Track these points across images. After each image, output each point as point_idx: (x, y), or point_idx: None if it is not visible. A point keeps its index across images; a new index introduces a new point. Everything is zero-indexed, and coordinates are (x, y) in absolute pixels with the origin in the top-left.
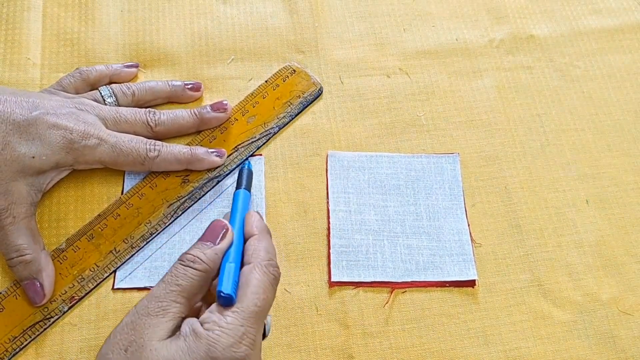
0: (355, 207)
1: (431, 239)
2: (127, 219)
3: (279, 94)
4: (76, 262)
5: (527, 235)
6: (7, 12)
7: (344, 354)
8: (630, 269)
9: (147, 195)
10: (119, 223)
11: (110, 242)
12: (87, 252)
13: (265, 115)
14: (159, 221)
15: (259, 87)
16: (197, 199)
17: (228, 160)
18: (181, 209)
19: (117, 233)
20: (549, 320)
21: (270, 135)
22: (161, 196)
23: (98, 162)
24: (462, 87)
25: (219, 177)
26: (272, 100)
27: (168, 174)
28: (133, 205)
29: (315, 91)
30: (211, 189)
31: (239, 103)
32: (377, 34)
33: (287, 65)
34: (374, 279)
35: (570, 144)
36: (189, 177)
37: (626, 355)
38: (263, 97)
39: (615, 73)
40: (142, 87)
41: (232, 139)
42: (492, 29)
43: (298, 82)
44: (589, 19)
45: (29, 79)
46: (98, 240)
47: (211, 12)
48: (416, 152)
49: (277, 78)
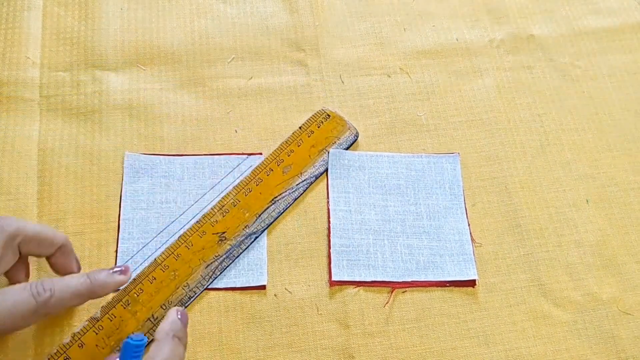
0: (356, 207)
1: (431, 238)
2: (164, 283)
3: (314, 141)
4: (113, 332)
5: (528, 235)
6: (7, 11)
7: (345, 354)
8: (630, 268)
9: (183, 256)
10: (155, 287)
11: (147, 308)
12: (124, 321)
13: (301, 165)
14: (197, 283)
15: (294, 134)
16: (235, 257)
17: (266, 215)
18: (219, 269)
19: (154, 298)
20: (549, 320)
21: (308, 186)
22: (198, 256)
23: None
24: (462, 87)
25: (257, 232)
26: (308, 148)
27: (204, 232)
28: (169, 267)
29: (351, 137)
30: (249, 245)
31: (274, 152)
32: (378, 34)
33: (322, 110)
34: (374, 279)
35: (570, 144)
36: (226, 235)
37: (626, 355)
38: (298, 145)
39: (616, 73)
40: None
41: (268, 191)
42: (493, 29)
43: (333, 127)
44: (589, 19)
45: (29, 78)
46: (134, 307)
47: (211, 11)
48: (416, 152)
49: (312, 124)
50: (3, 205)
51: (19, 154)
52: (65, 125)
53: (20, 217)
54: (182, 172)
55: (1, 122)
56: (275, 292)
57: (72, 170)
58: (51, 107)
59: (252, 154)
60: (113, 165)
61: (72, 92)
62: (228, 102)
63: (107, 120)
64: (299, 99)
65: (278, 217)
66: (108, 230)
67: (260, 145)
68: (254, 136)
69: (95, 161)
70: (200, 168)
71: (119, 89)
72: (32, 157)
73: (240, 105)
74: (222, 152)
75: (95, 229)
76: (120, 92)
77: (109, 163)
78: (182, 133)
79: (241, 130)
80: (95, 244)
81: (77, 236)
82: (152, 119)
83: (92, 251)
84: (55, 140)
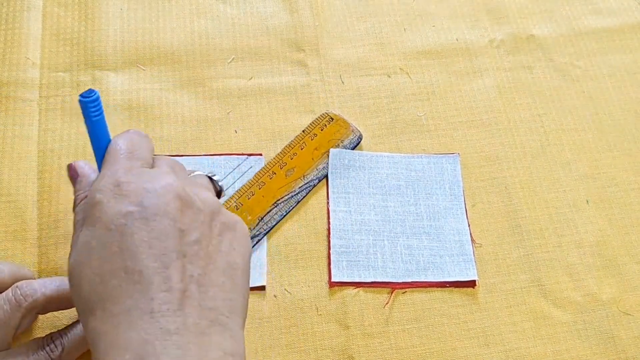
0: (356, 207)
1: (431, 239)
2: None
3: (317, 144)
4: None
5: (528, 236)
6: (7, 12)
7: (344, 355)
8: (630, 269)
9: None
10: None
11: None
12: None
13: (303, 168)
14: None
15: (297, 138)
16: None
17: (268, 217)
18: None
19: None
20: (549, 321)
21: (310, 189)
22: None
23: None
24: (462, 87)
25: (259, 235)
26: (311, 151)
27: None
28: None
29: (354, 139)
30: None
31: (277, 156)
32: (378, 34)
33: (325, 113)
34: (374, 279)
35: (570, 144)
36: None
37: (626, 355)
38: (301, 148)
39: (616, 73)
40: None
41: (271, 194)
42: (492, 29)
43: (336, 130)
44: (589, 19)
45: (29, 79)
46: None
47: (211, 12)
48: (416, 152)
49: (315, 127)
50: (3, 206)
51: (19, 154)
52: (65, 125)
53: (20, 217)
54: None
55: (1, 123)
56: (275, 293)
57: None
58: (51, 107)
59: (252, 155)
60: None
61: (72, 92)
62: (228, 103)
63: (107, 120)
64: (299, 99)
65: (280, 220)
66: None
67: (260, 145)
68: (254, 136)
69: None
70: (200, 168)
71: (119, 89)
72: (31, 158)
73: (240, 105)
74: (222, 153)
75: None
76: (120, 92)
77: None
78: (181, 133)
79: (241, 131)
80: None
81: None
82: (152, 119)
83: None
84: (55, 140)
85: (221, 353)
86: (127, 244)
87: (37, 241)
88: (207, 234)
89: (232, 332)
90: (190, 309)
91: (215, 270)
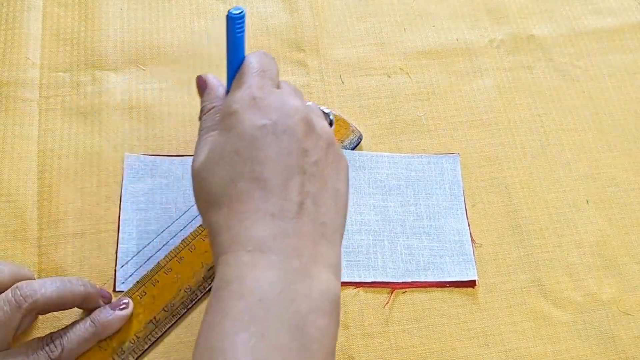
0: (356, 207)
1: (431, 239)
2: (167, 285)
3: None
4: (114, 334)
5: (528, 236)
6: (7, 12)
7: (344, 355)
8: (630, 269)
9: (186, 259)
10: (157, 290)
11: (150, 310)
12: (126, 323)
13: None
14: (199, 286)
15: None
16: None
17: None
18: None
19: (157, 301)
20: (549, 321)
21: None
22: (200, 259)
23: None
24: (462, 87)
25: None
26: None
27: (207, 235)
28: (172, 270)
29: (354, 139)
30: None
31: None
32: (378, 34)
33: (325, 113)
34: (374, 279)
35: (570, 144)
36: None
37: (626, 356)
38: None
39: (616, 73)
40: None
41: None
42: (492, 29)
43: (337, 130)
44: (589, 19)
45: (29, 79)
46: (137, 309)
47: (211, 12)
48: (416, 152)
49: None
50: (3, 206)
51: (19, 154)
52: (65, 125)
53: (20, 217)
54: (182, 172)
55: (1, 123)
56: None
57: (72, 170)
58: (51, 107)
59: None
60: (113, 165)
61: (72, 92)
62: None
63: (107, 120)
64: None
65: None
66: (108, 231)
67: None
68: None
69: (95, 162)
70: None
71: (119, 89)
72: (31, 158)
73: None
74: None
75: (95, 229)
76: (120, 92)
77: (109, 163)
78: (182, 133)
79: None
80: (95, 245)
81: (77, 237)
82: (152, 119)
83: (92, 252)
84: (55, 140)
85: (326, 262)
86: (258, 153)
87: (37, 241)
88: (323, 159)
89: (336, 248)
90: (305, 219)
91: (326, 192)
